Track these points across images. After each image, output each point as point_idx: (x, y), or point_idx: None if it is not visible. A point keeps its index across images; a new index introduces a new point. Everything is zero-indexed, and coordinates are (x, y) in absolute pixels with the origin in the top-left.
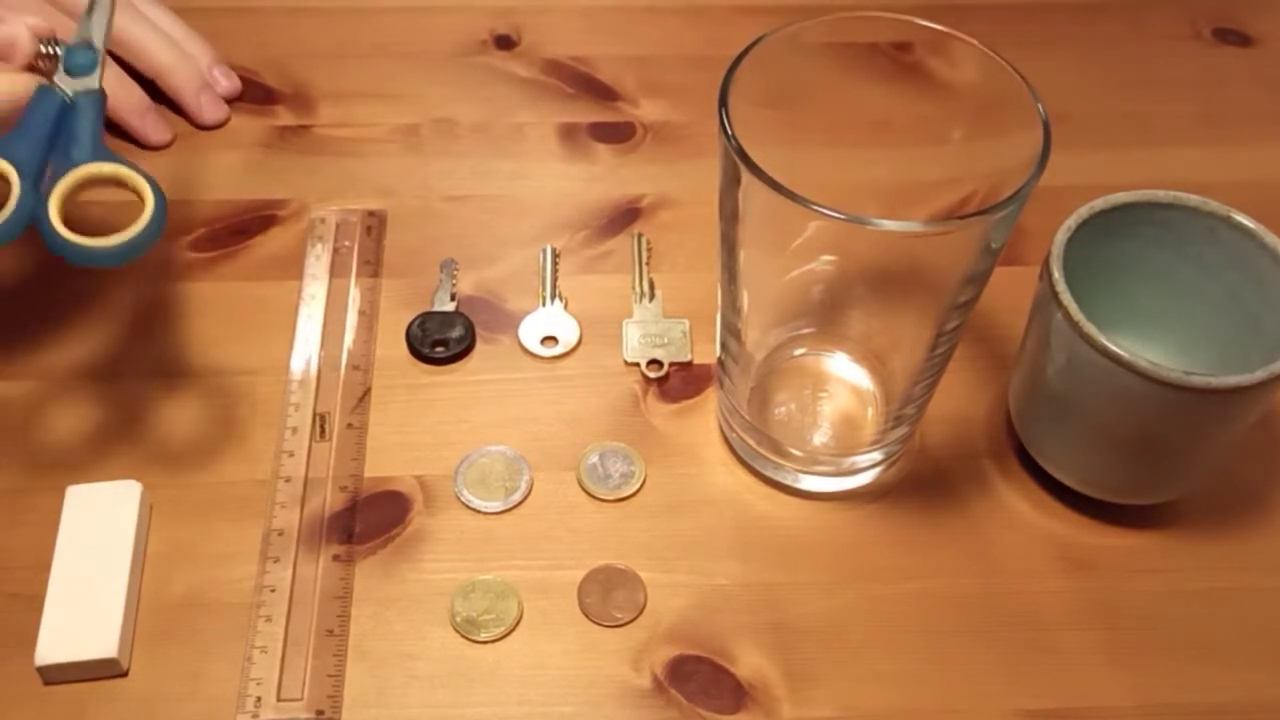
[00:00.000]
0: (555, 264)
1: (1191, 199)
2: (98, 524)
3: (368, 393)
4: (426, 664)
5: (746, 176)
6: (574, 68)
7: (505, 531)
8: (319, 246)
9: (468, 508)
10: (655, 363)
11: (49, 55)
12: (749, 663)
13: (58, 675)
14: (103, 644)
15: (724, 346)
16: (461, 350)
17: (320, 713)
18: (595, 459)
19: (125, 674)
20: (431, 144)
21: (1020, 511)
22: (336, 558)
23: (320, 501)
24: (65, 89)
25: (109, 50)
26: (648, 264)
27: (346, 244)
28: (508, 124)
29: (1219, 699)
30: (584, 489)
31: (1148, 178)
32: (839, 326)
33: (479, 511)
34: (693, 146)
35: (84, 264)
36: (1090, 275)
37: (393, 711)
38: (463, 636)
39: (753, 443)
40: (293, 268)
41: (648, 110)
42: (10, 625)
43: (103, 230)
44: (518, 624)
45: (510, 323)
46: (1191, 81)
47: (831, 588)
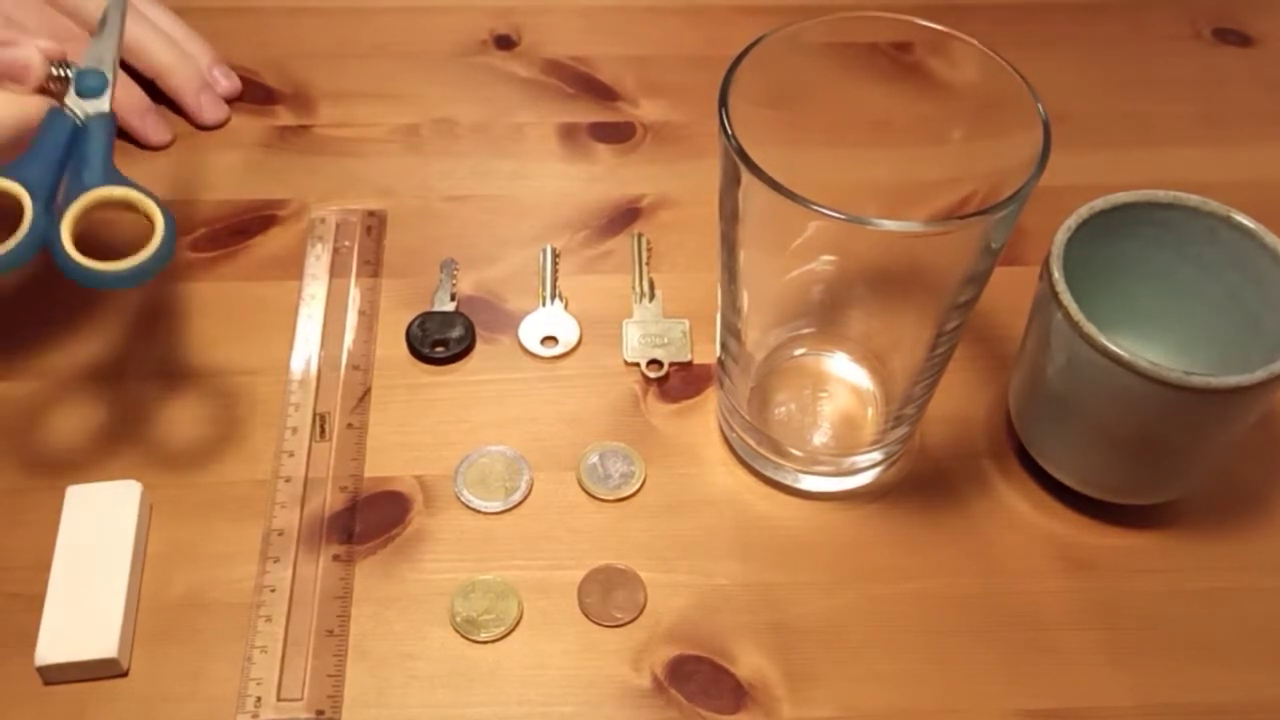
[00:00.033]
0: (555, 264)
1: (1191, 199)
2: (98, 524)
3: (368, 393)
4: (426, 664)
5: (746, 176)
6: (574, 68)
7: (505, 531)
8: (319, 246)
9: (468, 508)
10: (655, 363)
11: (60, 78)
12: (749, 663)
13: (58, 675)
14: (103, 644)
15: (724, 346)
16: (461, 350)
17: (320, 713)
18: (595, 459)
19: (125, 674)
20: (431, 144)
21: (1020, 511)
22: (336, 558)
23: (320, 501)
24: (76, 111)
25: None
26: (648, 264)
27: (346, 244)
28: (508, 124)
29: (1219, 699)
30: (584, 489)
31: (1148, 178)
32: (839, 326)
33: (479, 511)
34: (693, 146)
35: (95, 286)
36: (1090, 275)
37: (393, 711)
38: (463, 636)
39: (753, 443)
40: (293, 268)
41: (648, 110)
42: (10, 625)
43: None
44: (518, 624)
45: (510, 323)
46: (1191, 81)
47: (831, 588)
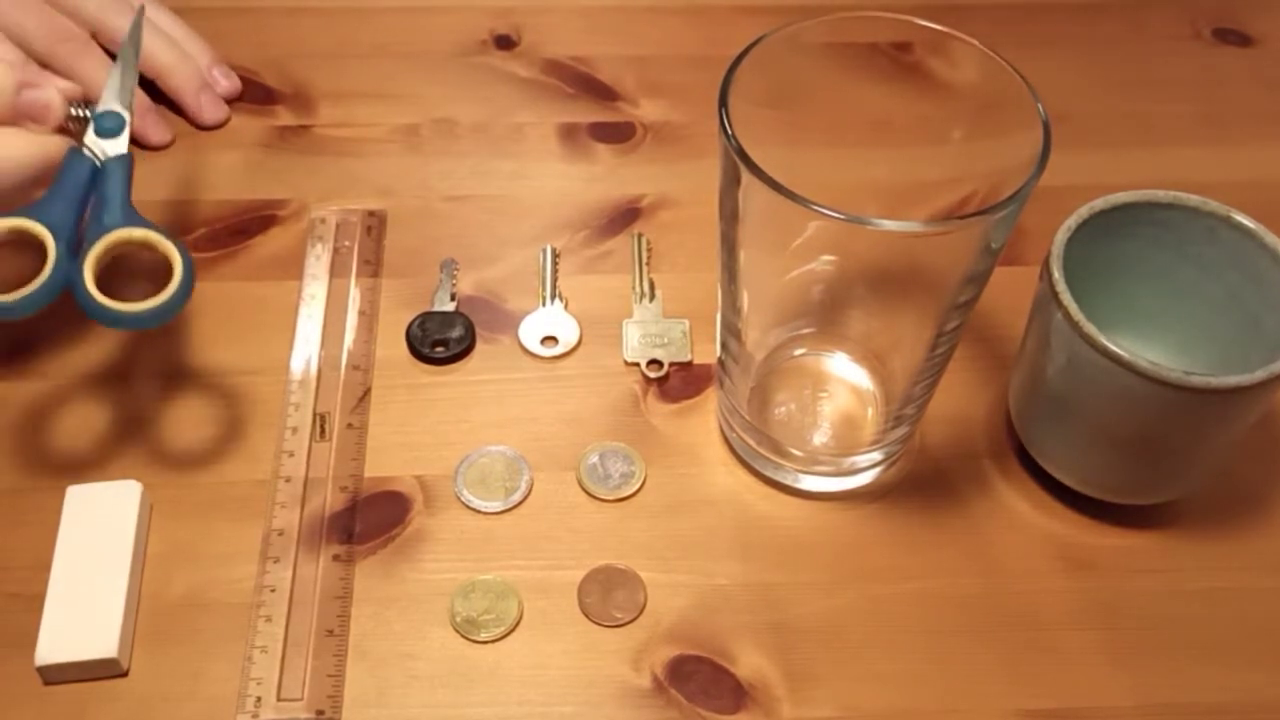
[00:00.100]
0: (555, 264)
1: (1191, 199)
2: (98, 524)
3: (368, 393)
4: (426, 664)
5: (746, 176)
6: (574, 68)
7: (505, 531)
8: (319, 246)
9: (468, 508)
10: (655, 363)
11: (79, 118)
12: (749, 663)
13: (58, 675)
14: (103, 644)
15: (724, 346)
16: (461, 350)
17: (320, 713)
18: (595, 459)
19: (125, 674)
20: (431, 144)
21: (1020, 511)
22: (336, 558)
23: (320, 501)
24: (95, 151)
25: (109, 51)
26: (648, 264)
27: (346, 244)
28: (508, 124)
29: (1219, 699)
30: (584, 489)
31: (1148, 178)
32: (839, 326)
33: (479, 511)
34: (693, 146)
35: (116, 327)
36: (1090, 275)
37: (393, 711)
38: (463, 636)
39: (753, 443)
40: (293, 268)
41: (648, 110)
42: (10, 625)
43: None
44: (518, 624)
45: (510, 323)
46: (1191, 81)
47: (831, 588)
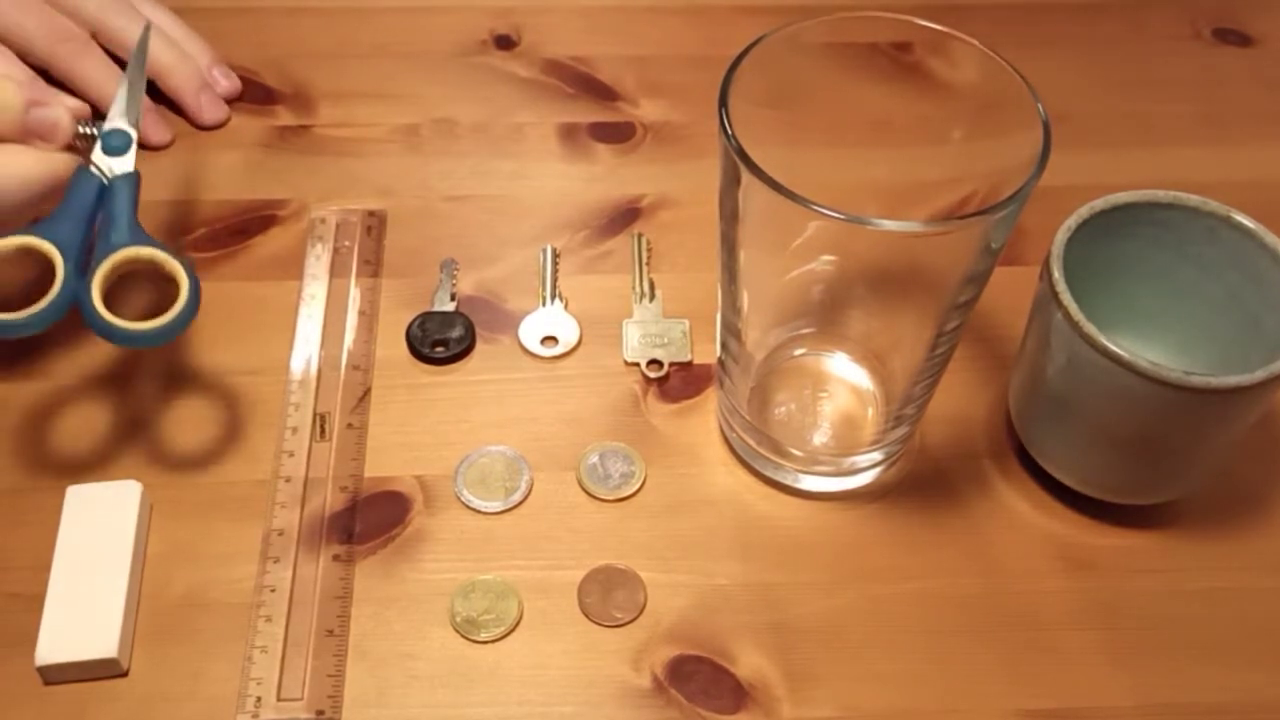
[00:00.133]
0: (555, 264)
1: (1191, 199)
2: (98, 524)
3: (368, 393)
4: (426, 664)
5: (746, 176)
6: (574, 68)
7: (505, 531)
8: (319, 246)
9: (468, 508)
10: (655, 363)
11: (87, 135)
12: (749, 663)
13: (58, 675)
14: (103, 644)
15: (724, 346)
16: (461, 350)
17: (320, 713)
18: (595, 459)
19: (125, 674)
20: (431, 144)
21: (1020, 511)
22: (336, 558)
23: (320, 501)
24: (102, 168)
25: (109, 51)
26: (648, 264)
27: (346, 244)
28: (508, 124)
29: (1219, 699)
30: (584, 489)
31: (1148, 178)
32: (839, 326)
33: (479, 511)
34: (693, 146)
35: (124, 344)
36: (1090, 275)
37: (393, 711)
38: (463, 636)
39: (753, 443)
40: (293, 268)
41: (648, 110)
42: (10, 625)
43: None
44: (518, 624)
45: (510, 323)
46: (1191, 81)
47: (831, 588)
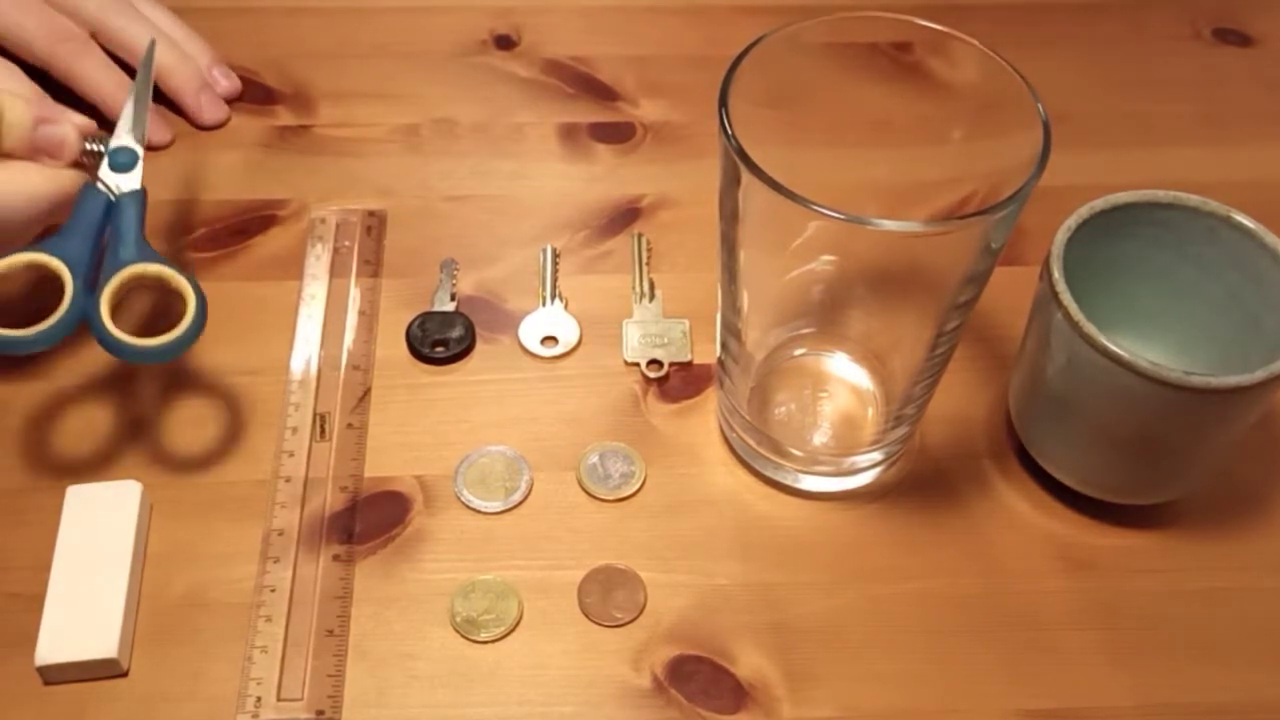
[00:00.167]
0: (555, 264)
1: (1191, 199)
2: (98, 524)
3: (368, 393)
4: (426, 664)
5: (746, 176)
6: (574, 68)
7: (505, 531)
8: (319, 246)
9: (468, 508)
10: (655, 363)
11: (94, 152)
12: (749, 663)
13: (58, 675)
14: (103, 644)
15: (724, 346)
16: (461, 350)
17: (320, 713)
18: (595, 459)
19: (125, 674)
20: (431, 144)
21: (1020, 511)
22: (336, 558)
23: (320, 501)
24: (109, 185)
25: (109, 51)
26: (648, 264)
27: (346, 244)
28: (508, 124)
29: (1219, 699)
30: (584, 489)
31: (1148, 178)
32: (839, 326)
33: (479, 511)
34: (693, 146)
35: (132, 361)
36: (1090, 275)
37: (393, 711)
38: (463, 636)
39: (753, 443)
40: (293, 268)
41: (648, 110)
42: (10, 625)
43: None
44: (518, 624)
45: (510, 323)
46: (1191, 81)
47: (831, 588)
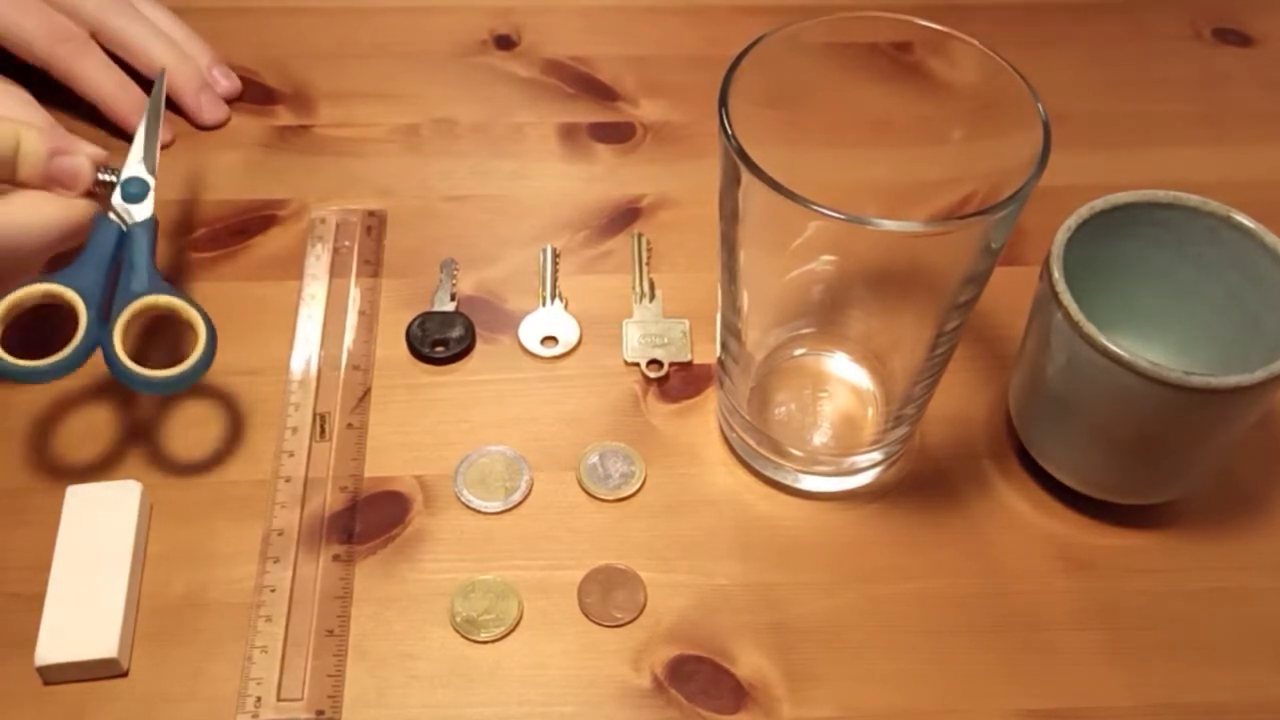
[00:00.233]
0: (555, 264)
1: (1191, 199)
2: (98, 524)
3: (368, 393)
4: (426, 664)
5: (746, 176)
6: (574, 68)
7: (505, 531)
8: (319, 246)
9: (468, 508)
10: (655, 363)
11: (106, 183)
12: (749, 663)
13: (58, 675)
14: (103, 644)
15: (724, 346)
16: (461, 350)
17: (320, 713)
18: (595, 459)
19: (125, 674)
20: (431, 144)
21: (1020, 511)
22: (336, 558)
23: (320, 501)
24: (121, 214)
25: (109, 51)
26: (648, 264)
27: (346, 244)
28: (508, 124)
29: (1219, 699)
30: (584, 489)
31: (1148, 178)
32: (839, 326)
33: (479, 511)
34: (693, 146)
35: (144, 391)
36: (1090, 275)
37: (393, 711)
38: (463, 636)
39: (753, 443)
40: (293, 268)
41: (648, 110)
42: (10, 625)
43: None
44: (518, 624)
45: (510, 323)
46: (1191, 81)
47: (831, 588)
